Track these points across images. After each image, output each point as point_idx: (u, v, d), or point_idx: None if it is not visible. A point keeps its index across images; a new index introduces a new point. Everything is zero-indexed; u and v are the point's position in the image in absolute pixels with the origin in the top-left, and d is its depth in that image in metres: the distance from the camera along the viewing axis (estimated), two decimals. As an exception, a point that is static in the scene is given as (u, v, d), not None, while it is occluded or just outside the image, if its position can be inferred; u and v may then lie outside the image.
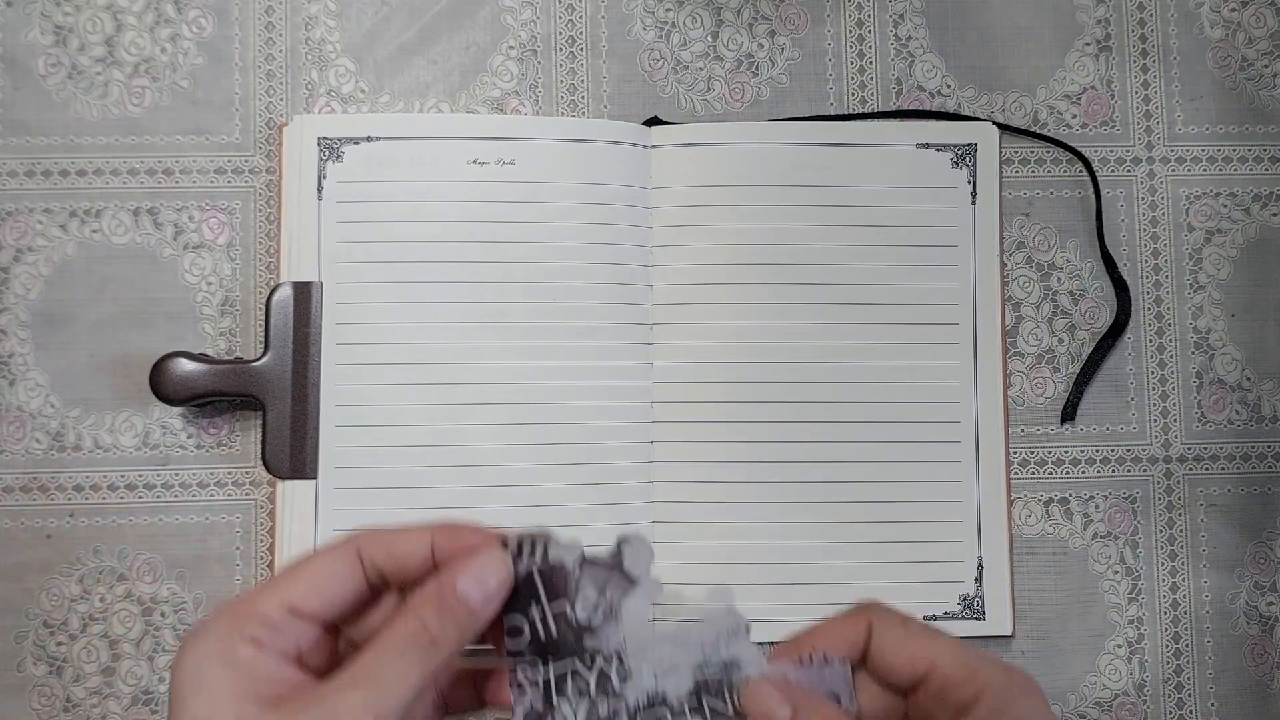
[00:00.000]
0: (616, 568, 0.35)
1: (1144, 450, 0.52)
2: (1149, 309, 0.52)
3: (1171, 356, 0.52)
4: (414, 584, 0.32)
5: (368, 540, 0.32)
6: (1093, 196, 0.52)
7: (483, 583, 0.31)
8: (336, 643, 0.33)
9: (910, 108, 0.53)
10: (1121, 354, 0.52)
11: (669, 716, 0.35)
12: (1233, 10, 0.54)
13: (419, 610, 0.30)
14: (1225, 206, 0.53)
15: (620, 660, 0.35)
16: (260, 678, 0.30)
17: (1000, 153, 0.52)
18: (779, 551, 0.49)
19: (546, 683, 0.35)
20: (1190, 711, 0.51)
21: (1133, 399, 0.52)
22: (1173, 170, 0.53)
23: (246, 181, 0.51)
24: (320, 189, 0.50)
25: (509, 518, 0.49)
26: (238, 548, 0.49)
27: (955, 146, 0.52)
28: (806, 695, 0.33)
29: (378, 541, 0.32)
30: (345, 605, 0.32)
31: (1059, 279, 0.52)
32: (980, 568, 0.50)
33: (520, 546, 0.33)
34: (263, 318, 0.49)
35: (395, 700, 0.29)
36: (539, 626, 0.34)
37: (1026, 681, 0.32)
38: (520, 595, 0.34)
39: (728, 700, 0.35)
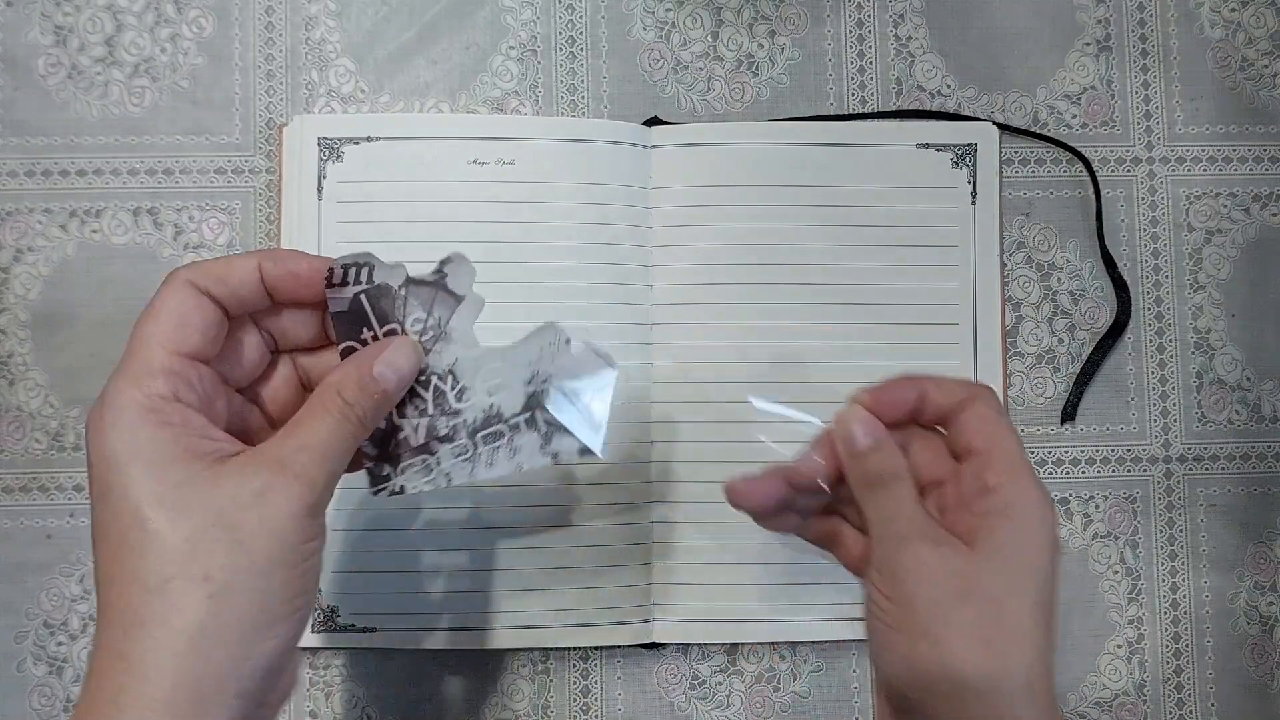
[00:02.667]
0: (440, 286, 0.36)
1: (1144, 450, 0.52)
2: (1149, 309, 0.52)
3: (1171, 356, 0.52)
4: (247, 309, 0.34)
5: (192, 274, 0.33)
6: (1093, 196, 0.52)
7: (396, 368, 0.34)
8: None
9: (910, 108, 0.53)
10: (1121, 354, 0.52)
11: (505, 430, 0.36)
12: (1233, 10, 0.54)
13: (344, 390, 0.33)
14: (1225, 206, 0.53)
15: (454, 378, 0.36)
16: (195, 433, 0.32)
17: (1000, 153, 0.52)
18: (780, 551, 0.49)
19: None
20: (1190, 711, 0.51)
21: (1133, 399, 0.52)
22: (1173, 170, 0.53)
23: (246, 181, 0.51)
24: (320, 189, 0.50)
25: (509, 516, 0.49)
26: (238, 548, 0.49)
27: (955, 146, 0.52)
28: (889, 437, 0.36)
29: (204, 273, 0.33)
30: (214, 336, 0.34)
31: (1059, 279, 0.52)
32: (980, 568, 0.50)
33: (346, 272, 0.35)
34: (263, 318, 0.49)
35: (329, 464, 0.32)
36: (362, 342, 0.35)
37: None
38: (350, 320, 0.35)
39: (543, 414, 0.36)
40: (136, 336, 0.32)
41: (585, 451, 0.36)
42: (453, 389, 0.36)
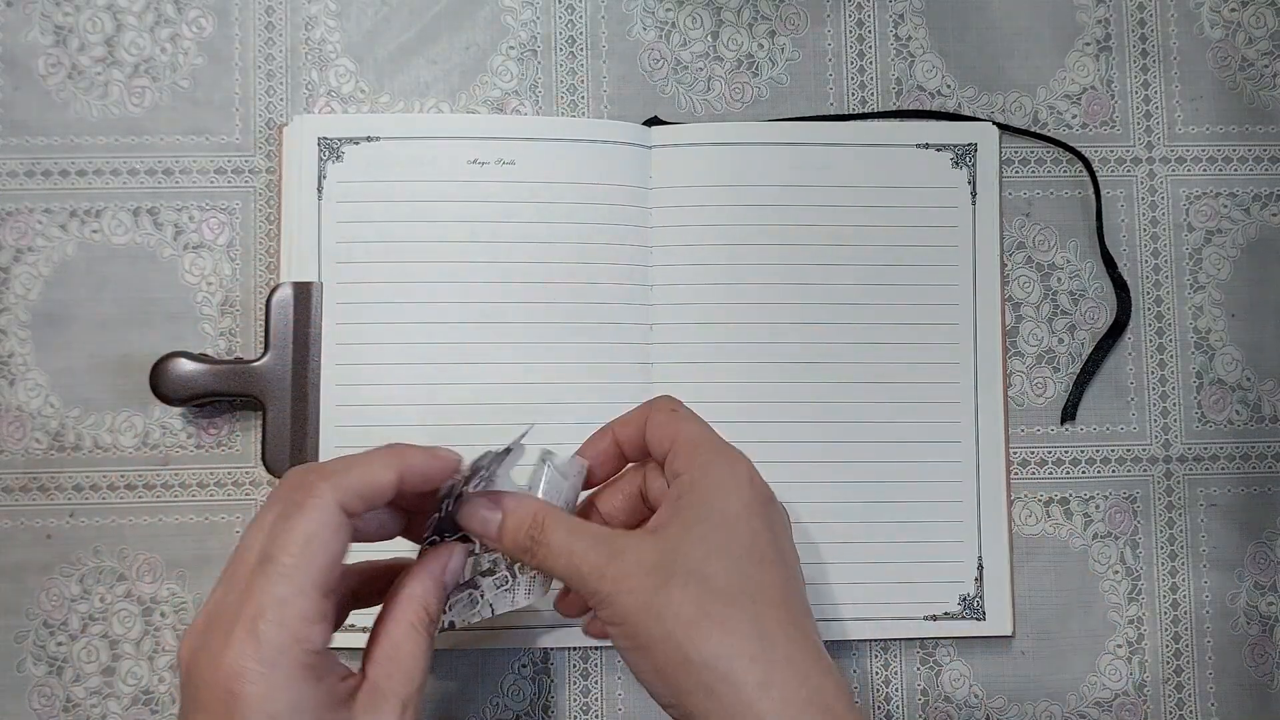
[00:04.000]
0: (508, 450, 0.39)
1: (1144, 450, 0.52)
2: (1149, 309, 0.52)
3: (1171, 356, 0.52)
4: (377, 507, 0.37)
5: (342, 496, 0.35)
6: (1093, 196, 0.52)
7: (455, 574, 0.39)
8: None
9: (910, 108, 0.53)
10: (1121, 354, 0.52)
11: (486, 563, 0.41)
12: (1233, 10, 0.54)
13: (429, 606, 0.37)
14: (1225, 206, 0.53)
15: None
16: (337, 677, 0.34)
17: (1000, 153, 0.52)
18: (779, 551, 0.49)
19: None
20: (1190, 711, 0.51)
21: (1133, 399, 0.52)
22: (1173, 170, 0.53)
23: (246, 181, 0.51)
24: (320, 189, 0.50)
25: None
26: (238, 548, 0.49)
27: (955, 146, 0.52)
28: (514, 498, 0.39)
29: (353, 495, 0.35)
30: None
31: (1059, 279, 0.52)
32: (980, 568, 0.50)
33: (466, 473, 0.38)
34: (263, 318, 0.49)
35: (418, 673, 0.35)
36: (444, 511, 0.38)
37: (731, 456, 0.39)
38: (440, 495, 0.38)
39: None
40: (291, 575, 0.33)
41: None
42: None
